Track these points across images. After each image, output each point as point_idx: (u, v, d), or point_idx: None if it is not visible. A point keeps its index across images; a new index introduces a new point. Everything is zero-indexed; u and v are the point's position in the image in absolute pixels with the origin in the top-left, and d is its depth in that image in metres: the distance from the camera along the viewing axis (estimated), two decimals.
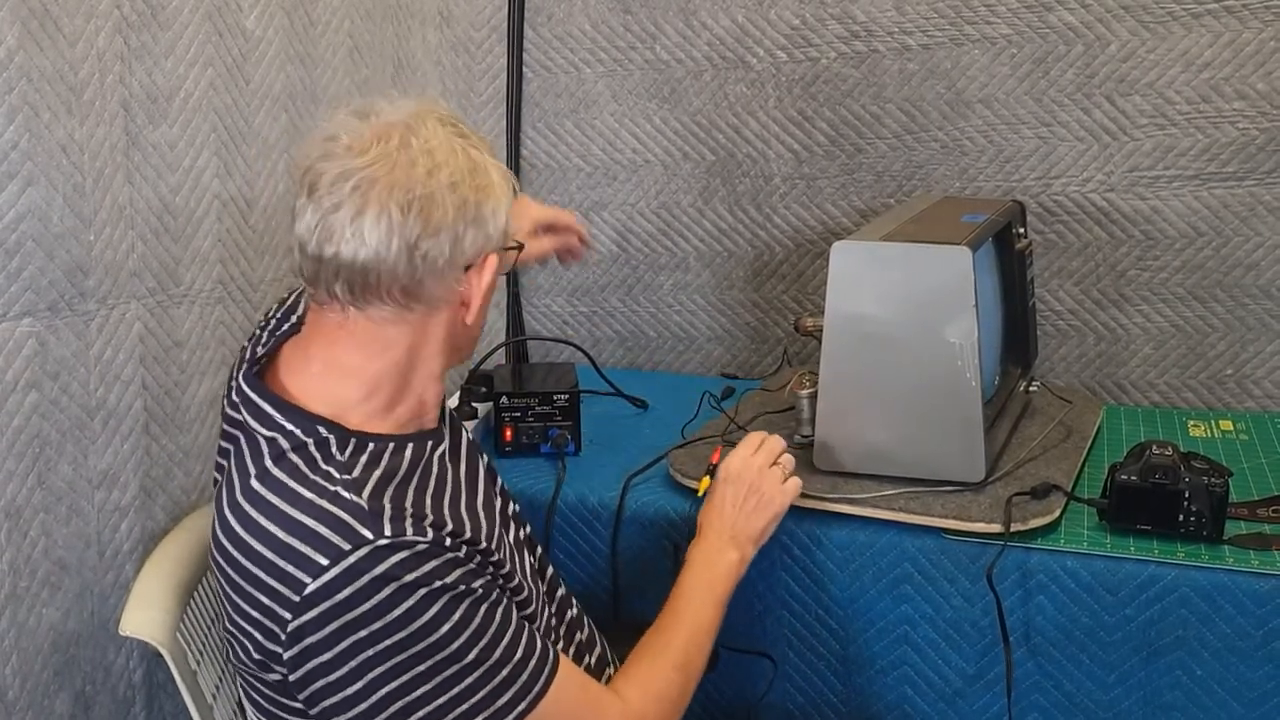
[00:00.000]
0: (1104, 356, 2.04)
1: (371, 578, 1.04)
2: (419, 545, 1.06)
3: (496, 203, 1.14)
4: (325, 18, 1.77)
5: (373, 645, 1.05)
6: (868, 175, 2.09)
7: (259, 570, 1.08)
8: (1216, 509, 1.43)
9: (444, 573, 1.07)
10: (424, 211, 1.08)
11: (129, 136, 1.42)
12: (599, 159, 2.23)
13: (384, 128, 1.11)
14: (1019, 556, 1.46)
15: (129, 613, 1.30)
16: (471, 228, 1.12)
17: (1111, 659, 1.45)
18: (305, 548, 1.05)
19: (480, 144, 1.16)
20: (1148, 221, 1.96)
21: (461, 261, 1.13)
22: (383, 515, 1.07)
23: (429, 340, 1.17)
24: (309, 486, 1.09)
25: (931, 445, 1.54)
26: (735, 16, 2.09)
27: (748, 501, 1.42)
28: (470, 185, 1.12)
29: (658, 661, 1.28)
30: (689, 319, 2.26)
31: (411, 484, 1.14)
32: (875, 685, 1.56)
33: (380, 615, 1.04)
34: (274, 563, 1.06)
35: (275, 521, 1.08)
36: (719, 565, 1.37)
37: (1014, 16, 1.94)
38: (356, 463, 1.12)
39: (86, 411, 1.40)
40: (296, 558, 1.05)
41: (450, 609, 1.07)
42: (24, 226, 1.30)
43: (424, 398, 1.20)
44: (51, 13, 1.30)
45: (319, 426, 1.13)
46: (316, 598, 1.04)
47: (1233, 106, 1.87)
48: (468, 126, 1.17)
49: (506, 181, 1.17)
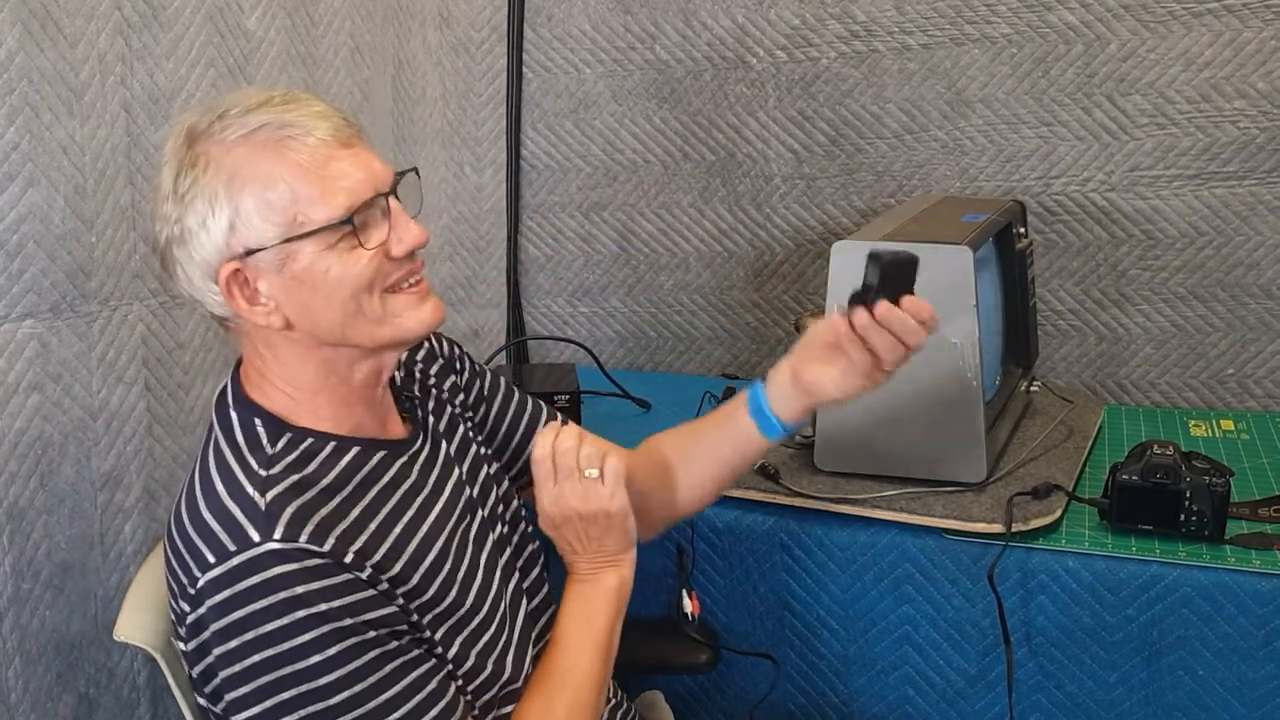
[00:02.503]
0: (1105, 356, 2.04)
1: (254, 583, 0.99)
2: (310, 559, 1.00)
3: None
4: (326, 18, 1.77)
5: (242, 659, 1.00)
6: (868, 175, 2.09)
7: (171, 555, 1.06)
8: (1218, 508, 1.43)
9: (332, 596, 1.00)
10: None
11: (130, 137, 1.42)
12: (599, 159, 2.23)
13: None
14: (1020, 556, 1.46)
15: (124, 617, 1.27)
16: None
17: (1113, 659, 1.45)
18: (201, 543, 1.02)
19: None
20: (1148, 221, 1.96)
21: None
22: (278, 519, 1.01)
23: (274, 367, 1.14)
24: (224, 479, 1.06)
25: (932, 445, 1.54)
26: (735, 16, 2.09)
27: (590, 529, 1.24)
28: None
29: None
30: (689, 319, 2.26)
31: (340, 493, 1.08)
32: (876, 685, 1.56)
33: (253, 626, 0.99)
34: (181, 552, 1.04)
35: (190, 511, 1.05)
36: (595, 599, 1.24)
37: (1014, 16, 1.94)
38: (282, 459, 1.07)
39: (89, 413, 1.39)
40: (194, 551, 1.02)
41: (328, 641, 0.99)
42: (25, 228, 1.29)
43: (365, 397, 1.15)
44: (53, 14, 1.30)
45: (256, 418, 1.10)
46: (206, 593, 1.00)
47: (1233, 106, 1.87)
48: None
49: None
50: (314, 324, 1.08)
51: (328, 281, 1.05)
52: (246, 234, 1.04)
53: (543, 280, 2.32)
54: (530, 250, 2.31)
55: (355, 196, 1.05)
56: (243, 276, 1.05)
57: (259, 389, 1.12)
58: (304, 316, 1.07)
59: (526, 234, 2.31)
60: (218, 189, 1.03)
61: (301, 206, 1.03)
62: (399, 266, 1.09)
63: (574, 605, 1.24)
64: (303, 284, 1.05)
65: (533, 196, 2.29)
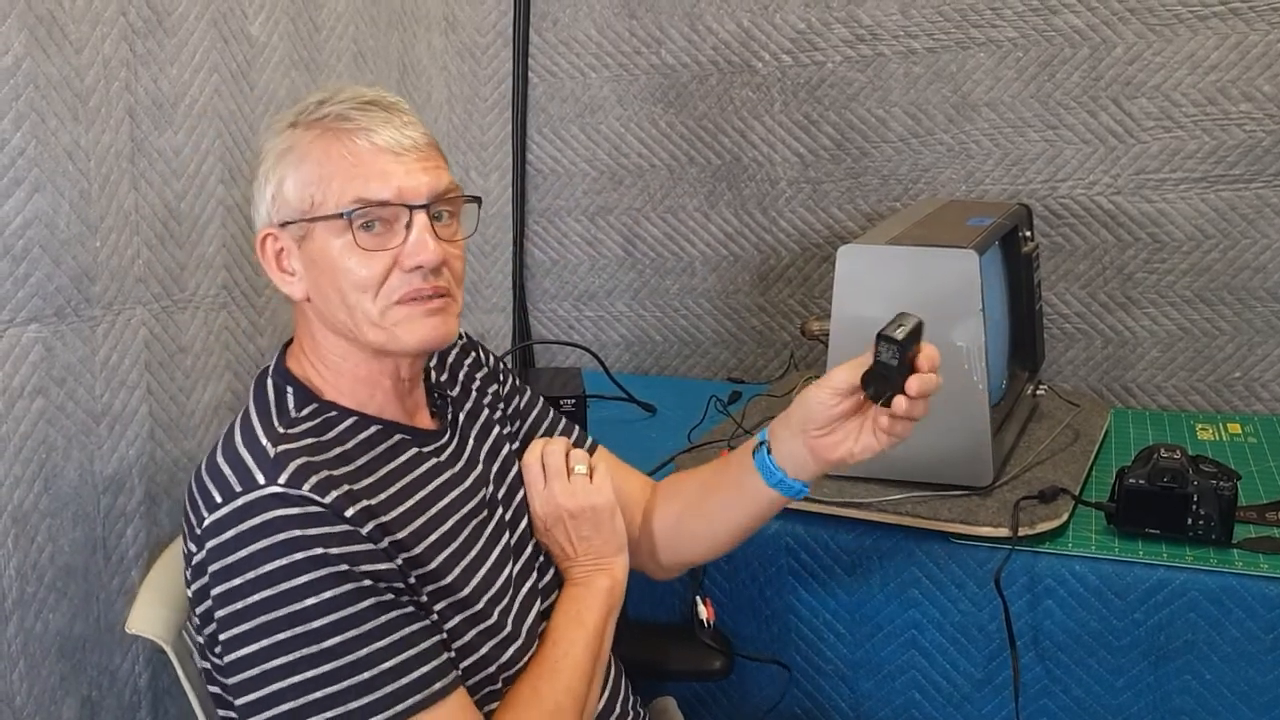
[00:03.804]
0: (1111, 360, 2.03)
1: (255, 523, 1.01)
2: (310, 505, 1.02)
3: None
4: (330, 23, 1.77)
5: (240, 598, 1.01)
6: (873, 179, 2.09)
7: (186, 500, 1.10)
8: (1225, 512, 1.42)
9: (331, 542, 1.02)
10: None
11: (134, 143, 1.43)
12: (604, 164, 2.23)
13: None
14: (1027, 560, 1.45)
15: (136, 610, 1.30)
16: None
17: (1120, 663, 1.44)
18: (211, 485, 1.06)
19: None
20: (1154, 224, 1.96)
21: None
22: (285, 466, 1.04)
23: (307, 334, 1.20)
24: (244, 432, 1.10)
25: (939, 449, 1.53)
26: (740, 21, 2.09)
27: (580, 528, 1.28)
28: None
29: (527, 712, 1.16)
30: (695, 323, 2.26)
31: (355, 461, 1.11)
32: (883, 690, 1.56)
33: (253, 566, 1.01)
34: (193, 494, 1.08)
35: (208, 460, 1.09)
36: (587, 597, 1.27)
37: (1020, 20, 1.94)
38: (302, 423, 1.11)
39: (92, 417, 1.40)
40: (204, 493, 1.06)
41: (326, 584, 1.01)
42: (31, 232, 1.30)
43: (384, 385, 1.18)
44: (58, 19, 1.31)
45: (288, 385, 1.15)
46: (210, 532, 1.03)
47: (1239, 109, 1.87)
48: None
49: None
50: (325, 306, 1.14)
51: (331, 269, 1.11)
52: (282, 206, 1.12)
53: (548, 284, 2.32)
54: (536, 254, 2.31)
55: (369, 196, 1.09)
56: (278, 245, 1.14)
57: (298, 362, 1.18)
58: (317, 296, 1.14)
59: (532, 238, 2.31)
60: (273, 161, 1.13)
61: (321, 190, 1.10)
62: (407, 280, 1.11)
63: (566, 604, 1.27)
64: (314, 264, 1.12)
65: (538, 201, 2.29)
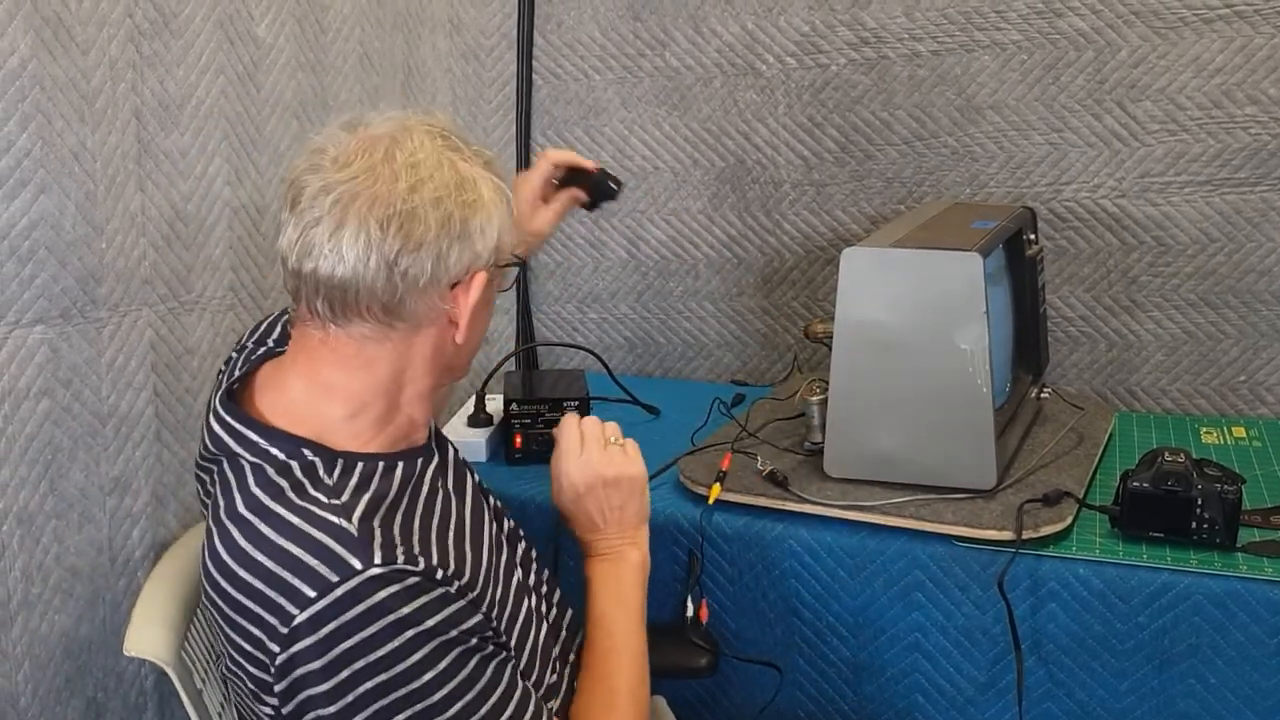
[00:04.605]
0: (1116, 363, 2.03)
1: (360, 611, 0.99)
2: (409, 579, 1.01)
3: (486, 218, 1.10)
4: (336, 25, 1.78)
5: (352, 689, 1.00)
6: (878, 181, 2.09)
7: (249, 601, 1.03)
8: (1229, 516, 1.42)
9: (434, 610, 1.02)
10: (404, 227, 1.05)
11: (141, 144, 1.43)
12: (609, 166, 2.23)
13: (369, 140, 1.08)
14: (1030, 564, 1.45)
15: (133, 632, 1.26)
16: (457, 244, 1.08)
17: (1124, 667, 1.44)
18: (294, 579, 1.00)
19: (475, 156, 1.12)
20: (1159, 227, 1.95)
21: (446, 279, 1.09)
22: (372, 543, 1.02)
23: (414, 359, 1.13)
24: (296, 512, 1.04)
25: (942, 452, 1.53)
26: (745, 23, 2.09)
27: (612, 497, 1.30)
28: (456, 200, 1.08)
29: (613, 714, 1.20)
30: (699, 325, 2.26)
31: (401, 507, 1.09)
32: (886, 693, 1.56)
33: (367, 651, 1.00)
34: (263, 593, 1.02)
35: (263, 551, 1.03)
36: (624, 576, 1.29)
37: (1024, 22, 1.94)
38: (345, 486, 1.07)
39: (98, 418, 1.40)
40: (285, 589, 1.01)
41: (438, 655, 1.02)
42: (37, 234, 1.30)
43: (413, 416, 1.16)
44: (64, 21, 1.31)
45: (303, 449, 1.08)
46: (303, 630, 1.00)
47: (1244, 112, 1.87)
48: (462, 138, 1.13)
49: (500, 196, 1.12)
50: (468, 346, 1.18)
51: (485, 312, 1.18)
52: (500, 249, 1.16)
53: (552, 286, 2.33)
54: (540, 256, 2.31)
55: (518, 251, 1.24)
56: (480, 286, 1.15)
57: (293, 414, 1.12)
58: (467, 338, 1.17)
59: None
60: (495, 198, 1.15)
61: (509, 239, 1.17)
62: None
63: (604, 584, 1.27)
64: (485, 306, 1.18)
65: None
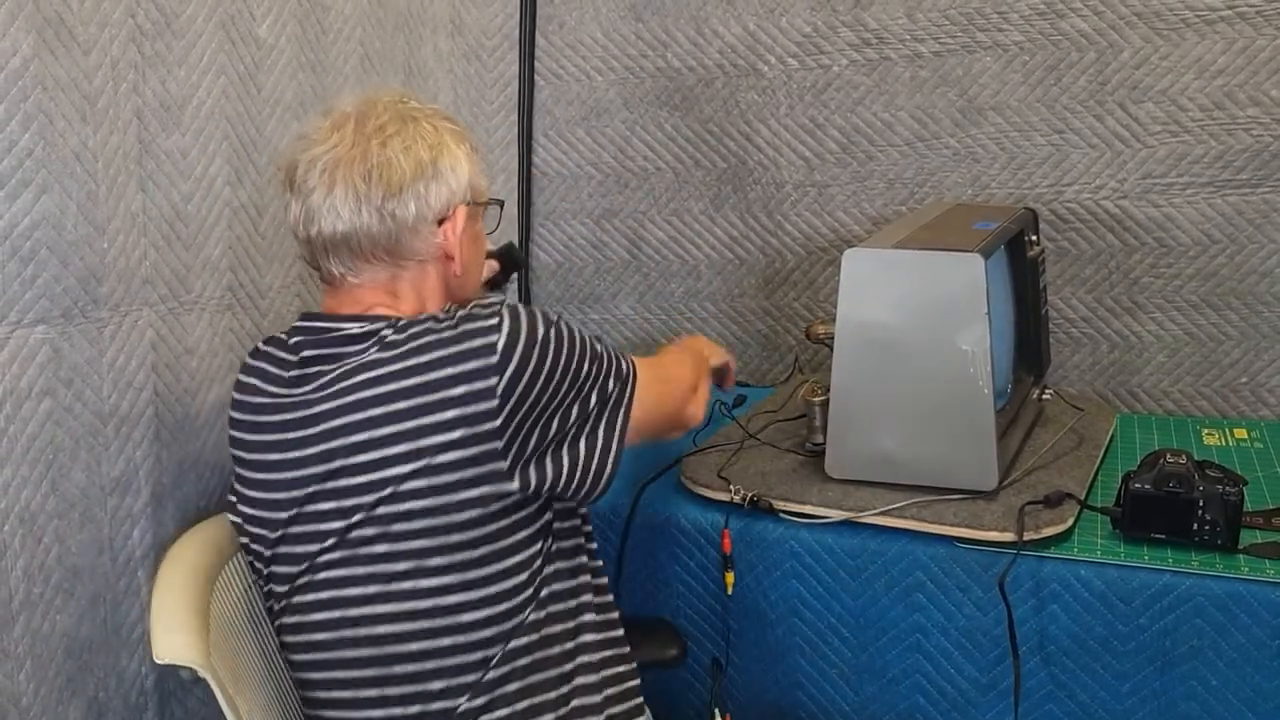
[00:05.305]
0: (1117, 364, 2.03)
1: (527, 329, 1.20)
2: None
3: (454, 159, 1.29)
4: (337, 26, 1.78)
5: (553, 377, 1.21)
6: (879, 182, 2.09)
7: (439, 378, 1.17)
8: (1231, 518, 1.42)
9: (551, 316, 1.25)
10: (384, 176, 1.24)
11: (142, 144, 1.43)
12: (610, 166, 2.23)
13: (341, 117, 1.28)
14: (1032, 565, 1.45)
15: (159, 640, 1.26)
16: (433, 183, 1.27)
17: (1125, 669, 1.44)
18: (473, 341, 1.18)
19: (434, 114, 1.31)
20: (1161, 229, 1.95)
21: (431, 216, 1.27)
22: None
23: (428, 293, 1.31)
24: (430, 330, 1.21)
25: (944, 453, 1.53)
26: (747, 24, 2.09)
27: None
28: (423, 146, 1.27)
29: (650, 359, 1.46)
30: (700, 326, 2.26)
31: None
32: (887, 694, 1.56)
33: (552, 348, 1.21)
34: (453, 361, 1.18)
35: (427, 352, 1.19)
36: (692, 346, 1.64)
37: (1026, 23, 1.94)
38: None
39: (99, 418, 1.40)
40: (473, 348, 1.18)
41: (571, 332, 1.25)
42: (38, 234, 1.30)
43: None
44: (66, 22, 1.31)
45: (400, 318, 1.26)
46: (507, 354, 1.18)
47: (1246, 113, 1.86)
48: (417, 101, 1.32)
49: (461, 140, 1.31)
50: (466, 275, 1.36)
51: (475, 246, 1.39)
52: (473, 188, 1.34)
53: (554, 287, 2.33)
54: (541, 257, 2.31)
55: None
56: (460, 219, 1.32)
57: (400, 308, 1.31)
58: (465, 266, 1.36)
59: (538, 241, 2.31)
60: (464, 149, 1.34)
61: (484, 181, 1.37)
62: None
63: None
64: (475, 241, 1.38)
65: (544, 204, 2.29)
